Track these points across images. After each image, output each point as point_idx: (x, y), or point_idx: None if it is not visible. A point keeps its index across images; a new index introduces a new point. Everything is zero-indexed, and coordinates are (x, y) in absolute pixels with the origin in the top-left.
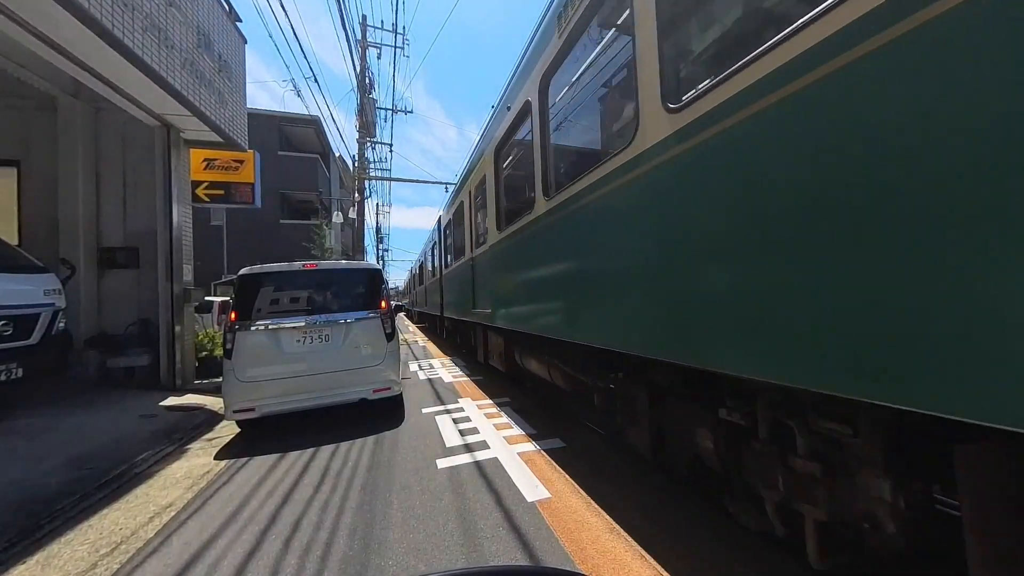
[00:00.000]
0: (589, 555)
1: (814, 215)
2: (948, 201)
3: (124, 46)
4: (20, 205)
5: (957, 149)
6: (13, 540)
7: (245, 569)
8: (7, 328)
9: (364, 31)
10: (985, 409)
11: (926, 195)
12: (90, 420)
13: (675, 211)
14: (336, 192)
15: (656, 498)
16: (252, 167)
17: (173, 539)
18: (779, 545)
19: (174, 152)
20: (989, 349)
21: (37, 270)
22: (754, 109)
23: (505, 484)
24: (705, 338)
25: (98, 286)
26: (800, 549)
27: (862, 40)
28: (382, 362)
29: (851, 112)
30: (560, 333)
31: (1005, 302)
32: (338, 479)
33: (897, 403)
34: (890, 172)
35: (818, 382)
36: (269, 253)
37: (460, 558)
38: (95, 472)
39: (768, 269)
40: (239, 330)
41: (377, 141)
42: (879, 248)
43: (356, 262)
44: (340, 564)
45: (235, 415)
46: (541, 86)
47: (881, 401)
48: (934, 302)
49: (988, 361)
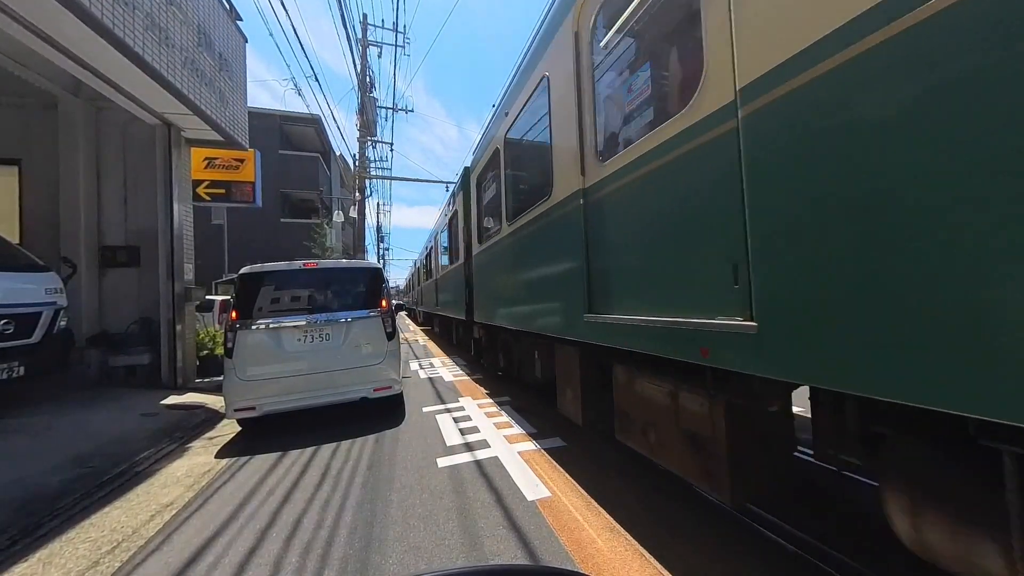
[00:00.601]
0: (589, 554)
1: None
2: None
3: (125, 45)
4: (21, 204)
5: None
6: (15, 538)
7: (246, 567)
8: (9, 327)
9: (365, 30)
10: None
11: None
12: (91, 418)
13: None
14: (337, 191)
15: (656, 497)
16: (253, 166)
17: (174, 537)
18: (779, 544)
19: (175, 151)
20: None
21: (39, 269)
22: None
23: (505, 483)
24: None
25: (99, 285)
26: (801, 548)
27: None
28: (383, 361)
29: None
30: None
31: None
32: (339, 478)
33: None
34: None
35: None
36: (270, 252)
37: (460, 557)
38: (96, 471)
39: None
40: (240, 329)
41: (378, 140)
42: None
43: (357, 261)
44: (340, 563)
45: (236, 414)
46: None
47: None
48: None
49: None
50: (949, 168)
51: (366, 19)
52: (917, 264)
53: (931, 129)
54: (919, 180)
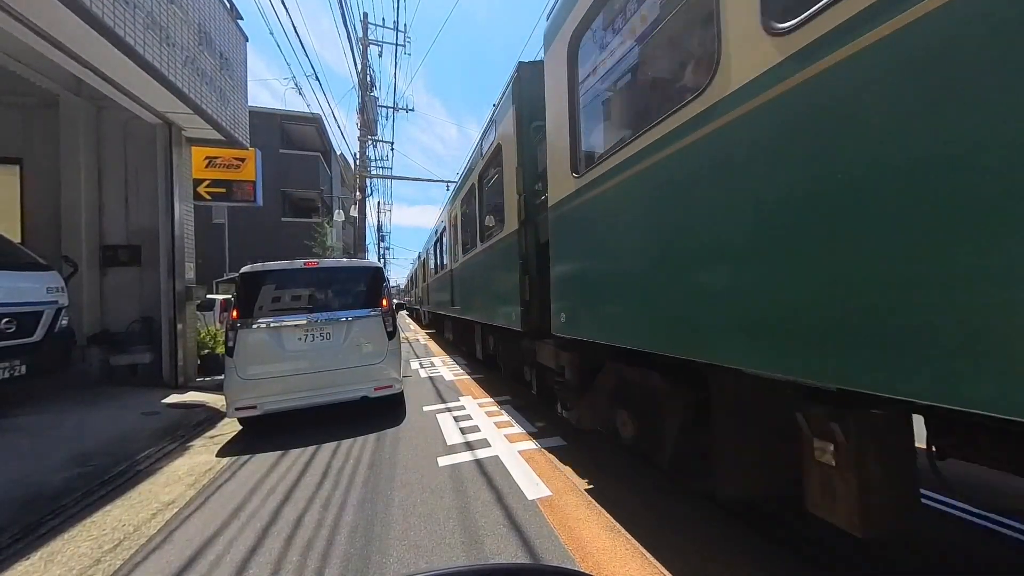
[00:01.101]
0: (589, 553)
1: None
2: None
3: (125, 43)
4: (23, 202)
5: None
6: (17, 536)
7: (247, 565)
8: (10, 325)
9: (365, 28)
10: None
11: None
12: (93, 417)
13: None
14: (337, 190)
15: (656, 496)
16: (253, 165)
17: (176, 536)
18: (780, 543)
19: (176, 150)
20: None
21: (40, 268)
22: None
23: (506, 482)
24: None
25: (100, 284)
26: (800, 548)
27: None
28: (383, 360)
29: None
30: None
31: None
32: (339, 477)
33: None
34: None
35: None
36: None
37: (461, 556)
38: (98, 469)
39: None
40: (241, 328)
41: (378, 139)
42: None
43: (357, 260)
44: (341, 561)
45: (237, 412)
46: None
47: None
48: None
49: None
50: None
51: (367, 18)
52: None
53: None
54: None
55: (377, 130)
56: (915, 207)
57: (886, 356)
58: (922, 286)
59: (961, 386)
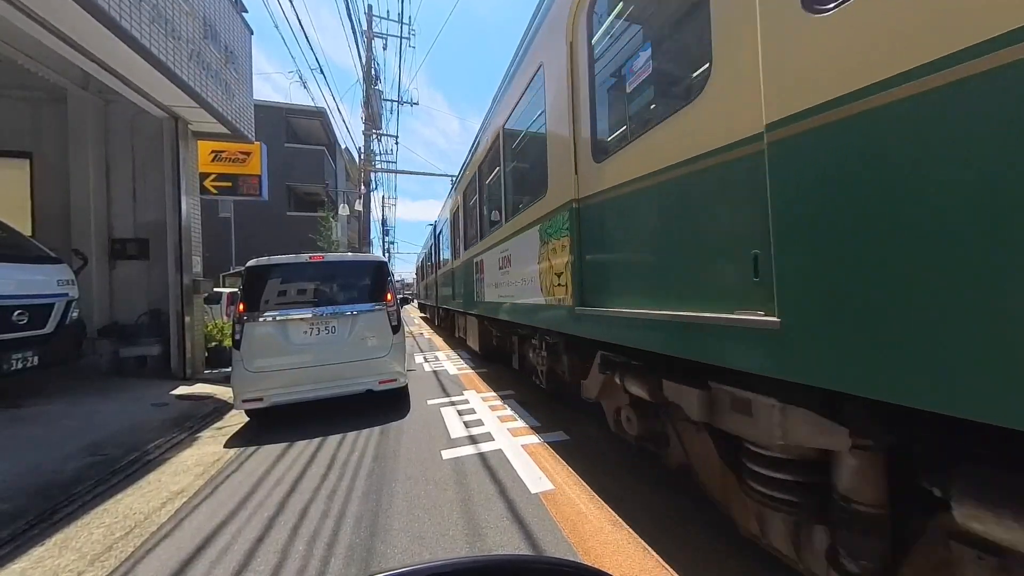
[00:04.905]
0: (591, 546)
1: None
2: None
3: (131, 37)
4: (33, 196)
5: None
6: (32, 523)
7: (255, 553)
8: (23, 317)
9: (370, 21)
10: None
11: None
12: (103, 408)
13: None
14: (342, 184)
15: (658, 490)
16: (259, 159)
17: (185, 524)
18: None
19: (182, 144)
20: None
21: (51, 260)
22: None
23: (509, 476)
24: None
25: (110, 277)
26: None
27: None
28: (388, 354)
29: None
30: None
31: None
32: (344, 468)
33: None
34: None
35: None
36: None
37: (464, 548)
38: (109, 458)
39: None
40: (247, 321)
41: (383, 133)
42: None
43: (362, 254)
44: (346, 551)
45: (244, 404)
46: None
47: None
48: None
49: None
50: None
51: (371, 10)
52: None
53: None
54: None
55: (382, 124)
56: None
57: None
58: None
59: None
